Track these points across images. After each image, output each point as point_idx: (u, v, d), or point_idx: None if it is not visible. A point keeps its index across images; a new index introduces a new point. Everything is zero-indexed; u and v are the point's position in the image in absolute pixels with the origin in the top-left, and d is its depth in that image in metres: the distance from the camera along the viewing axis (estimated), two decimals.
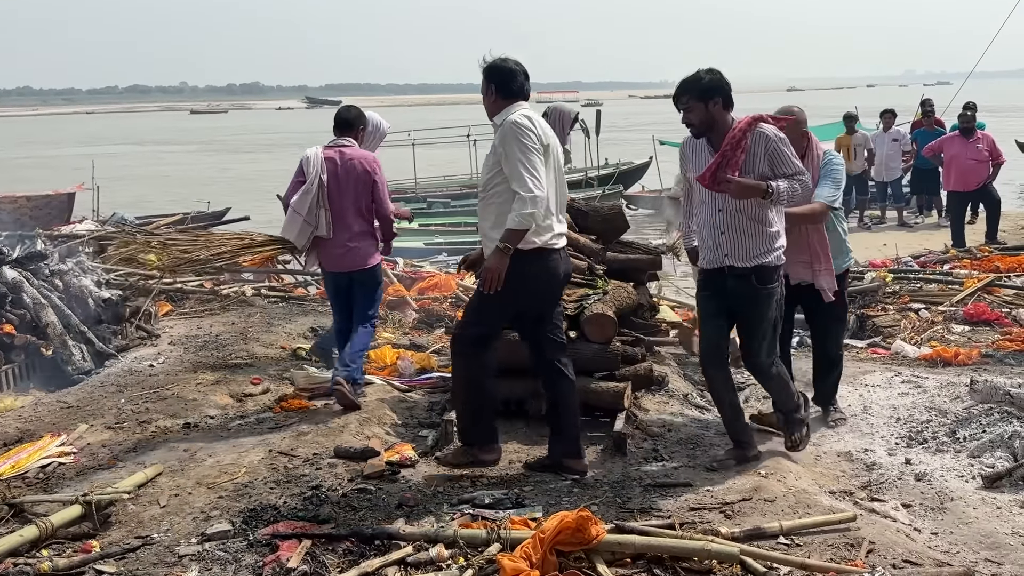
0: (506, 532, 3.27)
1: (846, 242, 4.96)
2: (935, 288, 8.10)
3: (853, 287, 8.06)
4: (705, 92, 4.05)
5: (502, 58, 4.18)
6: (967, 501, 3.99)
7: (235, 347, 6.55)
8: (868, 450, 4.64)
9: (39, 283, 6.40)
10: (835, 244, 4.77)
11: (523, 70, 4.17)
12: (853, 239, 5.49)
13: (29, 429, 5.00)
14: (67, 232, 10.90)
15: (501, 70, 4.13)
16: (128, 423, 5.01)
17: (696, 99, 4.07)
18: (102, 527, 3.62)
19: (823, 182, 4.62)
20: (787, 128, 4.26)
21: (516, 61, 4.20)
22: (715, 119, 4.08)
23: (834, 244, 4.74)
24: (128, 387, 5.73)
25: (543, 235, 3.99)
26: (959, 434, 4.66)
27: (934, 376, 5.68)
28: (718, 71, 4.13)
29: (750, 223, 4.10)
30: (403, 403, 5.28)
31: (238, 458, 4.33)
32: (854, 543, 3.33)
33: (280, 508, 3.71)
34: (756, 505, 3.70)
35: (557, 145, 4.18)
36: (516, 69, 4.14)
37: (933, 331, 6.85)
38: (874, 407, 5.25)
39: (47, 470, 4.36)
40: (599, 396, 4.82)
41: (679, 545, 3.21)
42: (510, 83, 4.12)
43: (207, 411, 5.20)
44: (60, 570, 3.24)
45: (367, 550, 3.33)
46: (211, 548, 3.38)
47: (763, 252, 4.11)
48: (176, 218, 14.77)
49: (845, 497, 4.00)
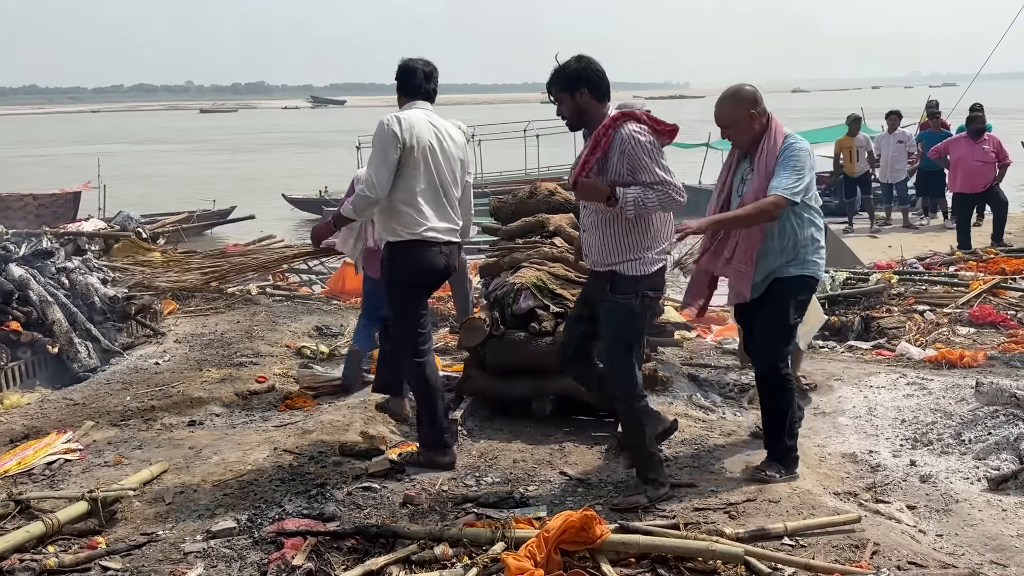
0: (510, 531, 3.27)
1: (811, 246, 4.03)
2: (940, 290, 8.09)
3: (857, 288, 8.07)
4: (570, 82, 3.76)
5: (409, 57, 4.26)
6: (972, 503, 3.98)
7: (240, 345, 6.57)
8: (873, 452, 4.64)
9: (45, 280, 6.44)
10: (789, 245, 3.99)
11: (427, 71, 4.19)
12: (858, 243, 5.45)
13: (35, 426, 5.02)
14: (73, 230, 10.92)
15: (403, 69, 4.25)
16: (134, 420, 5.03)
17: (562, 90, 3.79)
18: (108, 524, 3.64)
19: (779, 171, 3.88)
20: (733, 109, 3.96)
21: (425, 61, 4.23)
22: (584, 110, 3.79)
23: (787, 245, 3.99)
24: (134, 385, 5.75)
25: (414, 228, 4.12)
26: (964, 436, 4.65)
27: (939, 378, 5.68)
28: (588, 59, 3.79)
29: (606, 225, 3.77)
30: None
31: (243, 456, 4.34)
32: (859, 544, 3.33)
33: (285, 506, 3.72)
34: (760, 506, 3.70)
35: (441, 146, 4.17)
36: (417, 68, 4.21)
37: (938, 333, 6.84)
38: (879, 409, 5.24)
39: (53, 467, 4.38)
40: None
41: (683, 545, 3.21)
42: (408, 81, 4.23)
43: (212, 409, 5.21)
44: (66, 566, 3.25)
45: (372, 548, 3.33)
46: (216, 545, 3.39)
47: (617, 258, 3.76)
48: (182, 216, 14.80)
49: (850, 498, 3.99)
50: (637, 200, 3.61)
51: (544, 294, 5.02)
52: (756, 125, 3.98)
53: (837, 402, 5.40)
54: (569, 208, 6.14)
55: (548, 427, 4.85)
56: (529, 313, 4.96)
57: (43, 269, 6.59)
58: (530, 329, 4.91)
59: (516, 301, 4.99)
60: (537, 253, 5.44)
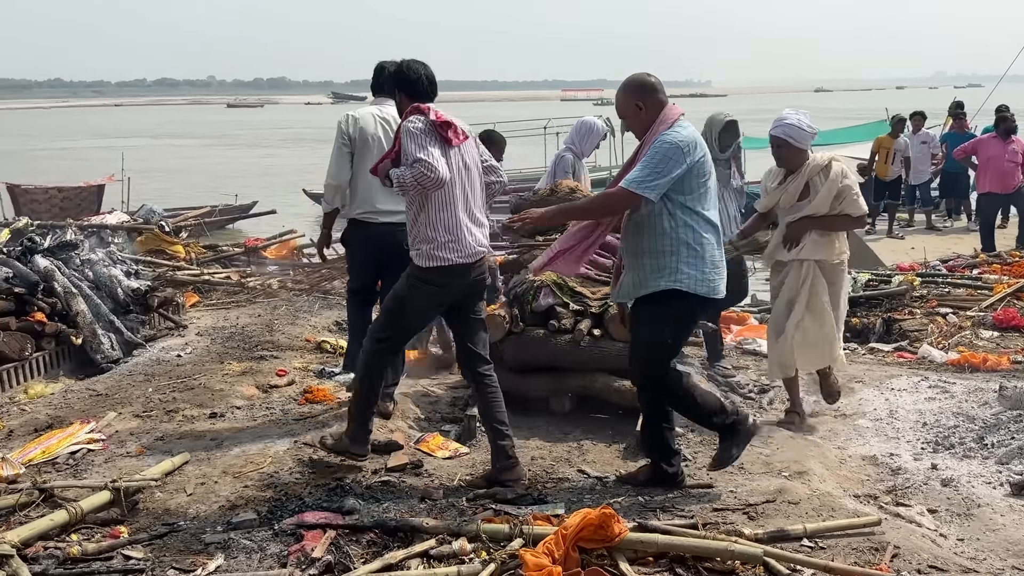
0: (529, 528, 3.27)
1: (684, 254, 3.70)
2: (963, 293, 8.01)
3: (879, 290, 8.01)
4: (395, 84, 4.18)
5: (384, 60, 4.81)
6: (994, 508, 3.94)
7: (261, 339, 6.61)
8: (894, 455, 4.60)
9: (70, 272, 6.50)
10: (660, 248, 3.73)
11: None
12: (881, 245, 5.48)
13: (59, 416, 5.08)
14: (97, 223, 11.03)
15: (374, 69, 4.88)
16: (156, 412, 5.07)
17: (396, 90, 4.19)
18: (130, 513, 3.67)
19: (638, 165, 3.70)
20: (622, 98, 3.83)
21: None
22: (401, 109, 4.09)
23: (660, 248, 3.73)
24: (156, 376, 5.80)
25: (356, 210, 4.90)
26: (987, 440, 4.61)
27: (962, 381, 5.63)
28: (397, 63, 4.17)
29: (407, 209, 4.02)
30: (426, 397, 5.31)
31: (264, 448, 4.38)
32: (878, 547, 3.31)
33: (305, 498, 3.74)
34: (780, 507, 3.68)
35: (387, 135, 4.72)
36: (383, 68, 4.77)
37: (961, 336, 6.78)
38: (900, 411, 5.20)
39: (76, 456, 4.42)
40: (622, 395, 4.82)
41: (702, 545, 3.20)
42: (375, 80, 4.91)
43: (233, 401, 5.25)
44: (89, 554, 3.29)
45: (390, 542, 3.35)
46: (237, 536, 3.42)
47: (411, 242, 3.95)
48: (204, 211, 14.92)
49: (870, 501, 3.97)
50: (397, 176, 3.81)
51: (564, 292, 5.03)
52: (644, 117, 3.80)
53: (858, 404, 5.36)
54: None
55: (566, 425, 4.85)
56: (548, 310, 4.96)
57: (68, 261, 6.65)
58: (549, 326, 4.91)
59: (536, 298, 4.99)
60: None
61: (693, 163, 3.67)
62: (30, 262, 6.38)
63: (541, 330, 4.92)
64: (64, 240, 7.13)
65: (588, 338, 4.84)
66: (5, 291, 5.99)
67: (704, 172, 3.74)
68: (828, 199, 4.83)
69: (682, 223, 3.72)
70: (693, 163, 3.67)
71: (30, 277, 6.20)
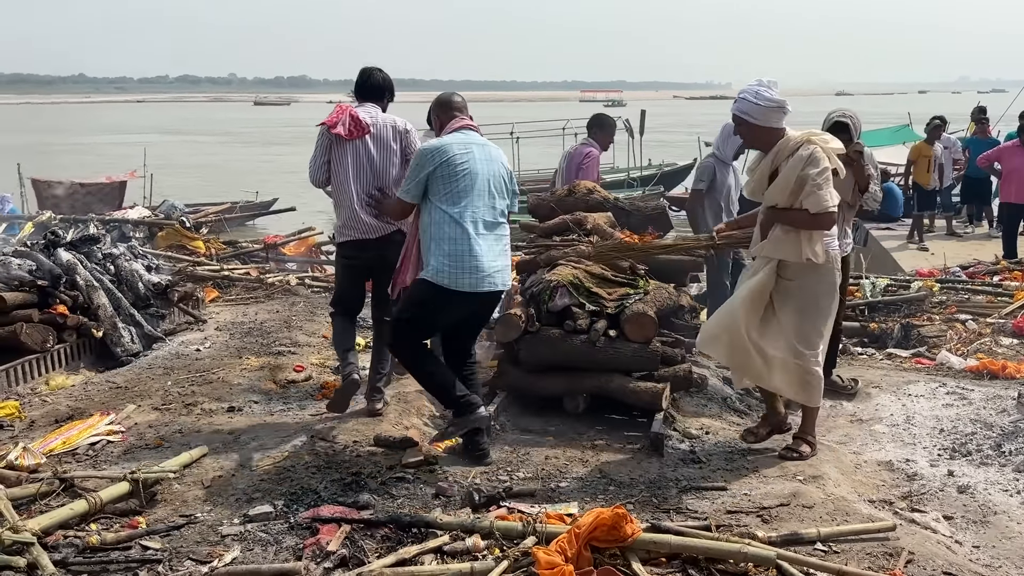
0: (542, 526, 3.29)
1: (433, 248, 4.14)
2: (983, 299, 7.95)
3: (898, 295, 7.96)
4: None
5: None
6: (1011, 516, 3.92)
7: (279, 335, 6.67)
8: (910, 460, 4.58)
9: (92, 266, 6.57)
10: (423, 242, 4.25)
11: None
12: (905, 254, 5.43)
13: (79, 407, 5.15)
14: (119, 217, 11.14)
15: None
16: (174, 405, 5.13)
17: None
18: (148, 504, 3.72)
19: None
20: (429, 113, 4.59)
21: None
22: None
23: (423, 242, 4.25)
24: (175, 370, 5.86)
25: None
26: (1004, 448, 4.58)
27: (980, 388, 5.59)
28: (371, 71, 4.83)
29: None
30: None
31: (280, 442, 4.42)
32: (893, 553, 3.30)
33: (321, 492, 3.78)
34: (794, 511, 3.67)
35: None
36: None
37: (980, 343, 6.73)
38: (917, 417, 5.17)
39: (96, 447, 4.48)
40: (637, 396, 4.82)
41: (715, 547, 3.20)
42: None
43: (251, 396, 5.30)
44: (108, 544, 3.33)
45: (405, 537, 3.37)
46: (253, 529, 3.46)
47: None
48: (225, 207, 15.02)
49: (885, 506, 3.95)
50: None
51: (580, 292, 5.04)
52: (436, 128, 4.49)
53: (875, 410, 5.34)
54: (607, 207, 6.14)
55: (580, 425, 4.86)
56: (564, 310, 4.97)
57: (90, 255, 6.73)
58: (565, 326, 4.92)
59: (552, 298, 5.00)
60: (574, 251, 5.45)
61: (436, 167, 4.13)
62: (53, 255, 6.46)
63: (557, 330, 4.94)
64: (86, 234, 7.21)
65: (604, 338, 4.85)
66: (28, 283, 6.07)
67: (451, 176, 4.13)
68: (785, 188, 4.20)
69: (435, 221, 4.16)
70: (436, 167, 4.13)
71: (53, 270, 6.28)
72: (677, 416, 4.92)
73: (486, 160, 4.22)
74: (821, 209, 4.11)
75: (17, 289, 6.01)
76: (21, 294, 5.99)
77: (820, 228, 4.19)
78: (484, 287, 4.15)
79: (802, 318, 4.26)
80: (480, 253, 4.11)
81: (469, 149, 4.19)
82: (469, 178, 4.14)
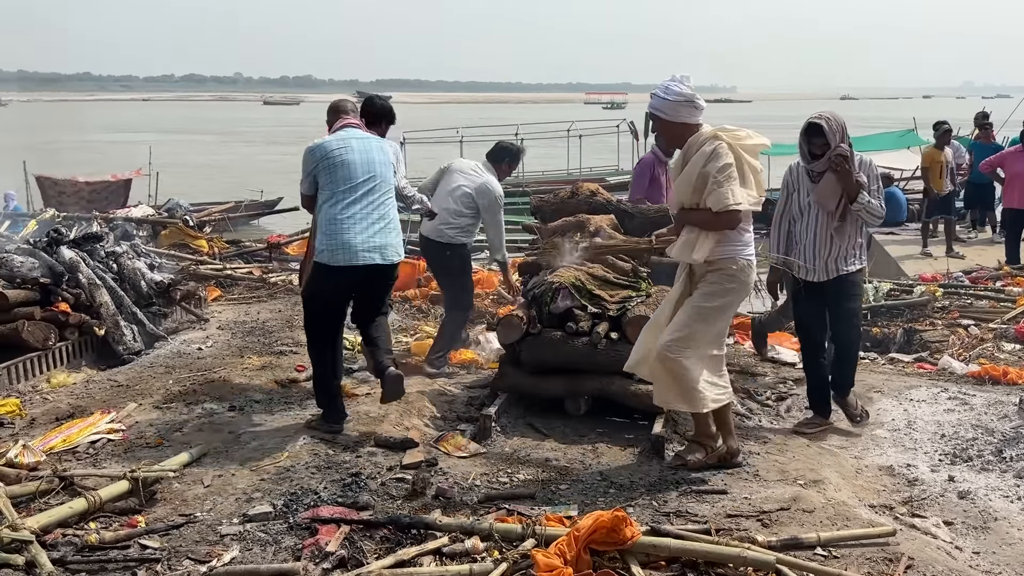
0: (541, 528, 3.29)
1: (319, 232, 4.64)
2: (986, 305, 7.93)
3: (900, 300, 7.95)
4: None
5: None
6: (1011, 522, 3.91)
7: (281, 334, 6.67)
8: (911, 465, 4.57)
9: (94, 264, 6.58)
10: None
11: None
12: (914, 261, 5.33)
13: (80, 405, 5.15)
14: (122, 215, 11.15)
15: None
16: (175, 404, 5.13)
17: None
18: (148, 503, 3.72)
19: None
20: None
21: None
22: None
23: None
24: (176, 369, 5.87)
25: None
26: (1006, 453, 4.57)
27: (982, 394, 5.58)
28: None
29: None
30: (443, 396, 5.33)
31: (281, 442, 4.42)
32: (893, 558, 3.29)
33: (320, 493, 3.78)
34: (794, 515, 3.67)
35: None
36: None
37: (982, 348, 6.72)
38: (918, 422, 5.16)
39: (96, 446, 4.48)
40: (639, 398, 4.82)
41: (715, 551, 3.20)
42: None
43: (252, 395, 5.30)
44: (107, 542, 3.34)
45: (404, 538, 3.37)
46: (252, 528, 3.46)
47: None
48: (229, 206, 15.04)
49: (885, 512, 3.94)
50: None
51: (582, 294, 5.03)
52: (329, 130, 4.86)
53: (876, 414, 5.33)
54: (610, 209, 6.14)
55: (581, 427, 4.85)
56: (566, 312, 4.97)
57: (92, 252, 6.74)
58: (567, 328, 4.92)
59: (554, 300, 5.00)
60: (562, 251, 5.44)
61: (317, 162, 4.61)
62: (56, 253, 6.48)
63: (558, 332, 4.93)
64: (89, 232, 7.23)
65: (605, 341, 4.85)
66: (31, 281, 6.08)
67: (331, 167, 4.59)
68: (689, 186, 4.03)
69: (320, 208, 4.64)
70: (317, 162, 4.61)
71: (55, 268, 6.29)
72: (678, 419, 4.91)
73: (364, 151, 4.67)
74: (722, 207, 3.91)
75: (19, 287, 6.02)
76: (23, 291, 6.00)
77: (724, 227, 3.99)
78: (359, 261, 4.53)
79: (688, 316, 4.08)
80: (354, 232, 4.54)
81: (347, 143, 4.65)
82: (346, 167, 4.60)
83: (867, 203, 4.71)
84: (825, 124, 4.64)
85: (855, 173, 4.68)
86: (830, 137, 4.65)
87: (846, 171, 4.64)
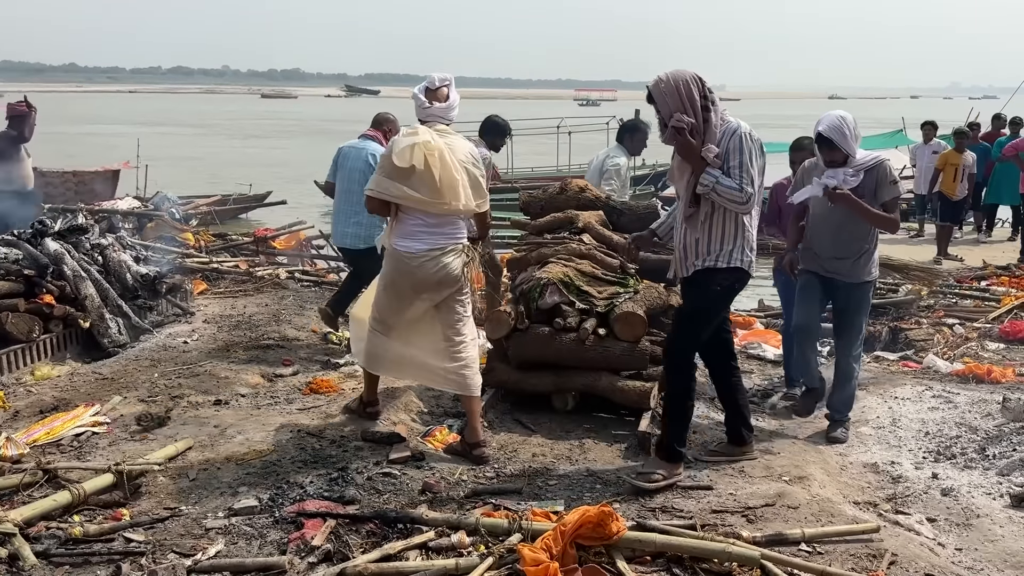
0: (527, 523, 3.29)
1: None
2: (971, 304, 7.99)
3: (886, 299, 7.99)
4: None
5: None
6: (994, 519, 3.94)
7: (267, 328, 6.65)
8: (895, 463, 4.60)
9: (80, 256, 6.53)
10: None
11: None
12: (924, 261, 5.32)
13: (65, 398, 5.12)
14: (108, 208, 11.07)
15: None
16: (161, 397, 5.11)
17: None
18: (132, 497, 3.70)
19: None
20: None
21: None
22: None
23: None
24: (162, 362, 5.84)
25: None
26: (989, 451, 4.60)
27: (966, 392, 5.62)
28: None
29: None
30: (430, 391, 5.32)
31: (267, 436, 4.40)
32: (876, 554, 3.32)
33: (306, 487, 3.77)
34: (779, 511, 3.69)
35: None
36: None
37: (967, 347, 6.76)
38: (903, 420, 5.19)
39: (80, 439, 4.46)
40: (625, 394, 4.83)
41: (700, 546, 3.21)
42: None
43: (238, 389, 5.28)
44: (91, 535, 3.32)
45: (390, 533, 3.37)
46: (237, 522, 3.45)
47: None
48: (216, 199, 14.96)
49: (869, 508, 3.97)
50: None
51: (570, 290, 5.03)
52: None
53: (861, 412, 5.35)
54: (599, 205, 6.13)
55: (568, 422, 4.86)
56: (554, 308, 4.97)
57: (78, 245, 6.68)
58: (554, 324, 4.92)
59: (542, 296, 5.00)
60: (565, 249, 5.44)
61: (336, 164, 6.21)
62: (40, 245, 6.42)
63: (546, 328, 4.93)
64: (75, 224, 7.16)
65: (593, 337, 4.86)
66: (15, 273, 6.03)
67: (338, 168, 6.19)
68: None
69: None
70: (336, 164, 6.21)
71: (40, 260, 6.24)
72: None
73: (355, 157, 6.11)
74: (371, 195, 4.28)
75: (3, 278, 5.97)
76: (7, 283, 5.95)
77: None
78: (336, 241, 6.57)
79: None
80: (338, 220, 6.28)
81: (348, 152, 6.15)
82: (344, 170, 6.14)
83: (715, 182, 3.86)
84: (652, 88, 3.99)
85: (703, 148, 3.90)
86: (660, 105, 3.95)
87: (687, 142, 3.90)
